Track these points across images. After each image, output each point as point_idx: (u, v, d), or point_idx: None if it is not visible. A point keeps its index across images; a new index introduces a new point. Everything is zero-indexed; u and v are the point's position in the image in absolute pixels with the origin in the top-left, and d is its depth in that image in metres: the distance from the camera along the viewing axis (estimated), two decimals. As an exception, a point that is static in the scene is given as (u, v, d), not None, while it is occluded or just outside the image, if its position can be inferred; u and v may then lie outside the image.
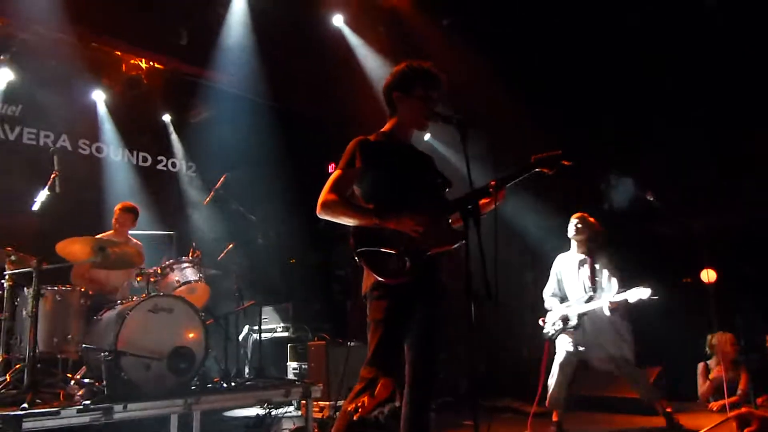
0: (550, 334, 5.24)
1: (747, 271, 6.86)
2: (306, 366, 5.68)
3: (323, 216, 2.84)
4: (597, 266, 5.25)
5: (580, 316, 5.08)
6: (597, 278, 5.22)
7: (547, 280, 5.52)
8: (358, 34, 7.64)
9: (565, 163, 2.91)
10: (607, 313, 4.98)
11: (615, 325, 5.12)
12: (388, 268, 2.71)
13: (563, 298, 5.37)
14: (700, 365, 6.52)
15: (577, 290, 5.27)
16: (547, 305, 5.41)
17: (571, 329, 5.10)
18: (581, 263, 5.33)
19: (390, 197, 2.83)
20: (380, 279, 2.70)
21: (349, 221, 2.81)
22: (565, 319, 5.15)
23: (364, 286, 2.84)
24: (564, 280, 5.40)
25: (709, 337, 6.58)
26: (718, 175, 6.81)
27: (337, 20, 7.54)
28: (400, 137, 3.03)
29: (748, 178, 6.69)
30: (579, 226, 5.32)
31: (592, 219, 5.41)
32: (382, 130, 3.06)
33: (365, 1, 7.28)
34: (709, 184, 6.83)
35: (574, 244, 5.41)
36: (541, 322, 5.32)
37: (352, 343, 4.26)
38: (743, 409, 2.30)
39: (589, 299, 5.09)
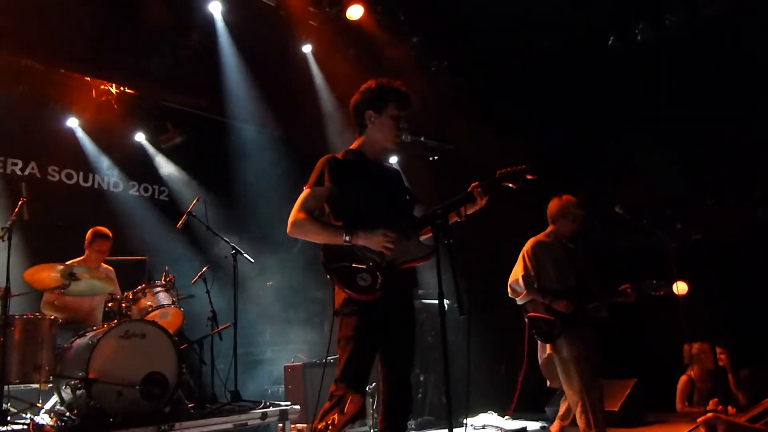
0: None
1: (717, 283, 6.99)
2: (283, 388, 5.64)
3: (294, 235, 2.86)
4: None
5: None
6: None
7: None
8: (325, 60, 7.74)
9: (530, 177, 2.98)
10: None
11: None
12: (359, 285, 2.72)
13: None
14: (683, 378, 6.53)
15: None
16: None
17: None
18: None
19: (359, 214, 2.85)
20: (352, 295, 2.72)
21: (319, 239, 2.83)
22: None
23: (335, 302, 2.85)
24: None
25: (686, 347, 6.63)
26: (689, 189, 6.97)
27: (306, 48, 7.66)
28: (368, 154, 3.06)
29: (717, 193, 6.87)
30: None
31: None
32: (350, 147, 3.09)
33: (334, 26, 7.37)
34: (679, 198, 6.98)
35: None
36: None
37: (328, 364, 4.24)
38: (710, 415, 2.34)
39: None
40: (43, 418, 4.39)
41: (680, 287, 7.51)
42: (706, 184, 6.94)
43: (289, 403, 5.16)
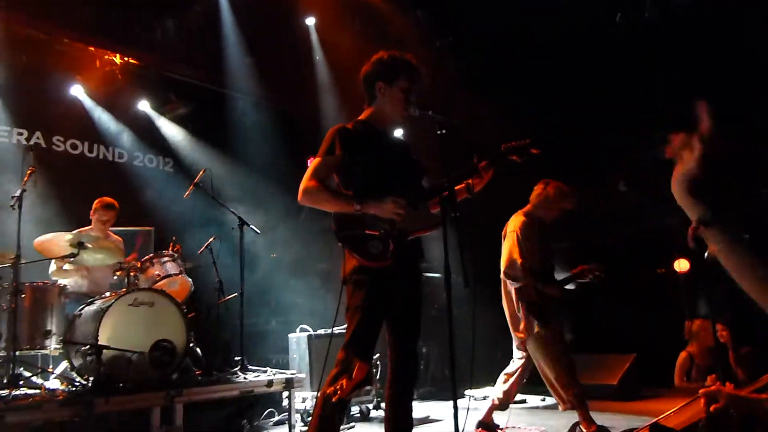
0: None
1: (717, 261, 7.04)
2: (288, 357, 5.73)
3: (304, 203, 2.88)
4: None
5: None
6: None
7: None
8: (329, 34, 7.71)
9: (534, 151, 3.01)
10: None
11: None
12: (370, 252, 2.76)
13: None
14: (683, 353, 6.60)
15: None
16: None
17: None
18: None
19: (369, 183, 2.88)
20: (363, 262, 2.76)
21: (330, 207, 2.85)
22: None
23: (343, 270, 2.88)
24: None
25: (687, 323, 6.70)
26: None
27: (309, 21, 7.63)
28: (377, 125, 3.07)
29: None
30: None
31: None
32: (359, 118, 3.11)
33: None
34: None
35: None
36: None
37: (334, 334, 4.31)
38: (711, 387, 2.38)
39: None
40: (54, 383, 4.48)
41: (681, 265, 7.60)
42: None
43: (294, 371, 5.26)
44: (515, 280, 4.46)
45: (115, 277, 5.07)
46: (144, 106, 7.73)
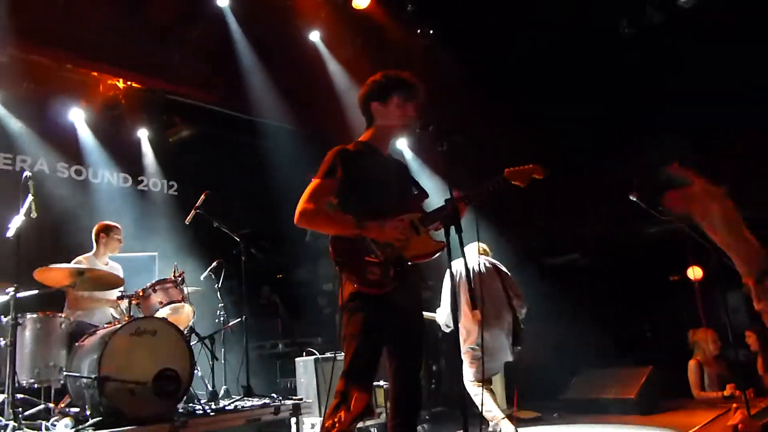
0: None
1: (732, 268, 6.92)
2: (295, 382, 5.62)
3: (302, 225, 2.80)
4: None
5: None
6: None
7: None
8: (334, 49, 7.68)
9: (537, 177, 2.95)
10: None
11: None
12: (368, 278, 2.67)
13: None
14: (692, 362, 6.52)
15: None
16: None
17: None
18: None
19: (369, 206, 2.80)
20: (361, 289, 2.67)
21: (328, 230, 2.79)
22: None
23: (341, 296, 2.79)
24: None
25: (690, 332, 6.63)
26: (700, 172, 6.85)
27: (314, 36, 7.60)
28: (377, 147, 3.02)
29: (731, 176, 6.74)
30: None
31: None
32: (359, 139, 3.05)
33: (341, 15, 7.31)
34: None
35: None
36: None
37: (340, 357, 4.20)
38: (738, 416, 2.26)
39: None
40: (56, 418, 4.39)
41: (695, 272, 7.47)
42: (720, 170, 6.81)
43: (301, 397, 5.15)
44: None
45: (117, 306, 4.99)
46: (146, 130, 7.70)
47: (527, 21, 6.90)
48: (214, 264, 5.53)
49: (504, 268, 5.14)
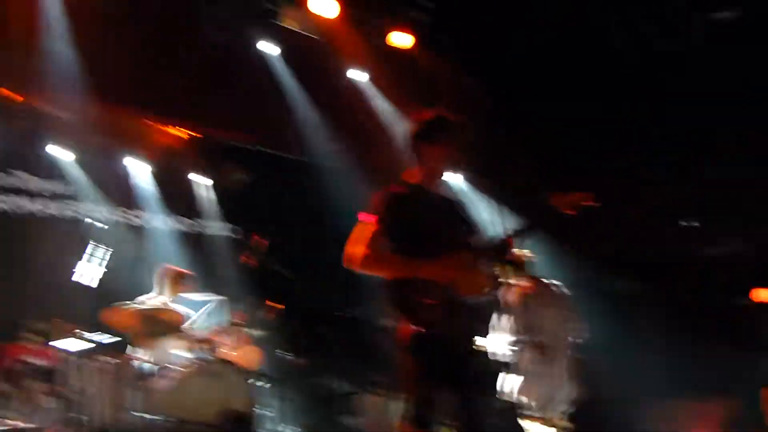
0: None
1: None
2: (361, 421, 5.61)
3: (353, 268, 2.85)
4: None
5: None
6: None
7: None
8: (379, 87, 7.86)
9: (585, 204, 2.92)
10: None
11: None
12: (426, 319, 2.72)
13: None
14: (764, 391, 6.21)
15: None
16: None
17: None
18: None
19: (421, 248, 2.84)
20: (418, 329, 2.70)
21: (383, 274, 2.84)
22: None
23: (397, 337, 2.82)
24: None
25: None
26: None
27: (359, 76, 7.80)
28: (426, 186, 3.06)
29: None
30: None
31: None
32: (408, 180, 3.10)
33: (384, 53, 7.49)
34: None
35: None
36: None
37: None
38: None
39: None
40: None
41: (761, 295, 7.18)
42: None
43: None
44: None
45: (184, 347, 5.15)
46: (203, 175, 8.03)
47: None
48: (278, 307, 5.62)
49: None
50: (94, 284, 4.75)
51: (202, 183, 8.07)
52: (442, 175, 3.10)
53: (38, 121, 6.65)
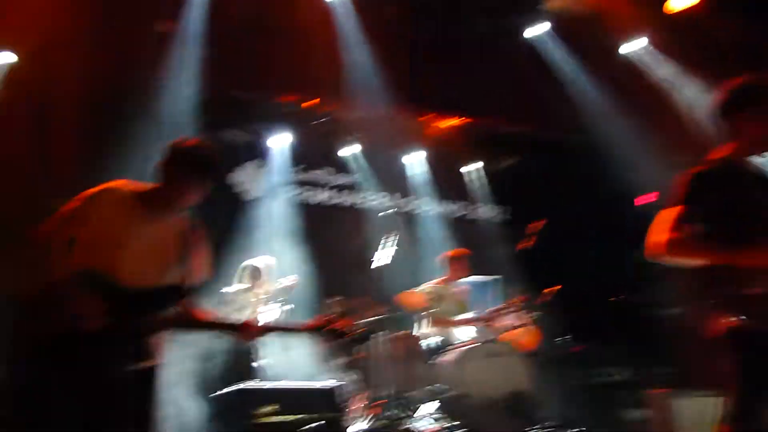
0: None
1: None
2: (645, 416, 5.29)
3: (670, 256, 2.64)
4: None
5: None
6: None
7: None
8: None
9: None
10: None
11: None
12: (752, 312, 2.46)
13: None
14: None
15: None
16: None
17: None
18: None
19: (737, 232, 2.57)
20: (741, 324, 2.46)
21: (695, 260, 2.62)
22: None
23: (713, 330, 2.59)
24: None
25: None
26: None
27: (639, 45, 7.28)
28: (739, 163, 2.74)
29: None
30: None
31: None
32: (716, 156, 2.80)
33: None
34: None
35: None
36: None
37: (698, 394, 3.84)
38: None
39: None
40: (422, 423, 4.90)
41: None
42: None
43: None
44: None
45: (464, 327, 5.39)
46: (478, 160, 8.31)
47: None
48: (556, 289, 5.59)
49: None
50: (388, 266, 5.20)
51: (473, 169, 8.35)
52: (761, 150, 2.74)
53: (334, 124, 7.46)
